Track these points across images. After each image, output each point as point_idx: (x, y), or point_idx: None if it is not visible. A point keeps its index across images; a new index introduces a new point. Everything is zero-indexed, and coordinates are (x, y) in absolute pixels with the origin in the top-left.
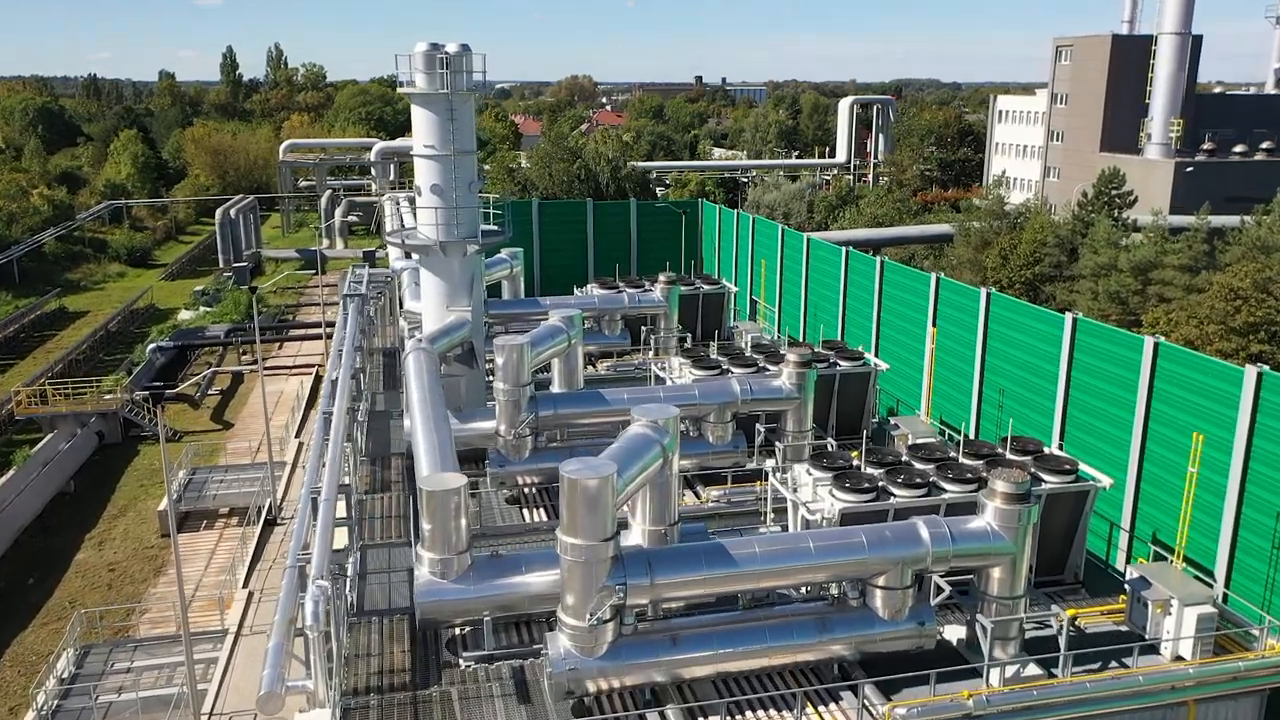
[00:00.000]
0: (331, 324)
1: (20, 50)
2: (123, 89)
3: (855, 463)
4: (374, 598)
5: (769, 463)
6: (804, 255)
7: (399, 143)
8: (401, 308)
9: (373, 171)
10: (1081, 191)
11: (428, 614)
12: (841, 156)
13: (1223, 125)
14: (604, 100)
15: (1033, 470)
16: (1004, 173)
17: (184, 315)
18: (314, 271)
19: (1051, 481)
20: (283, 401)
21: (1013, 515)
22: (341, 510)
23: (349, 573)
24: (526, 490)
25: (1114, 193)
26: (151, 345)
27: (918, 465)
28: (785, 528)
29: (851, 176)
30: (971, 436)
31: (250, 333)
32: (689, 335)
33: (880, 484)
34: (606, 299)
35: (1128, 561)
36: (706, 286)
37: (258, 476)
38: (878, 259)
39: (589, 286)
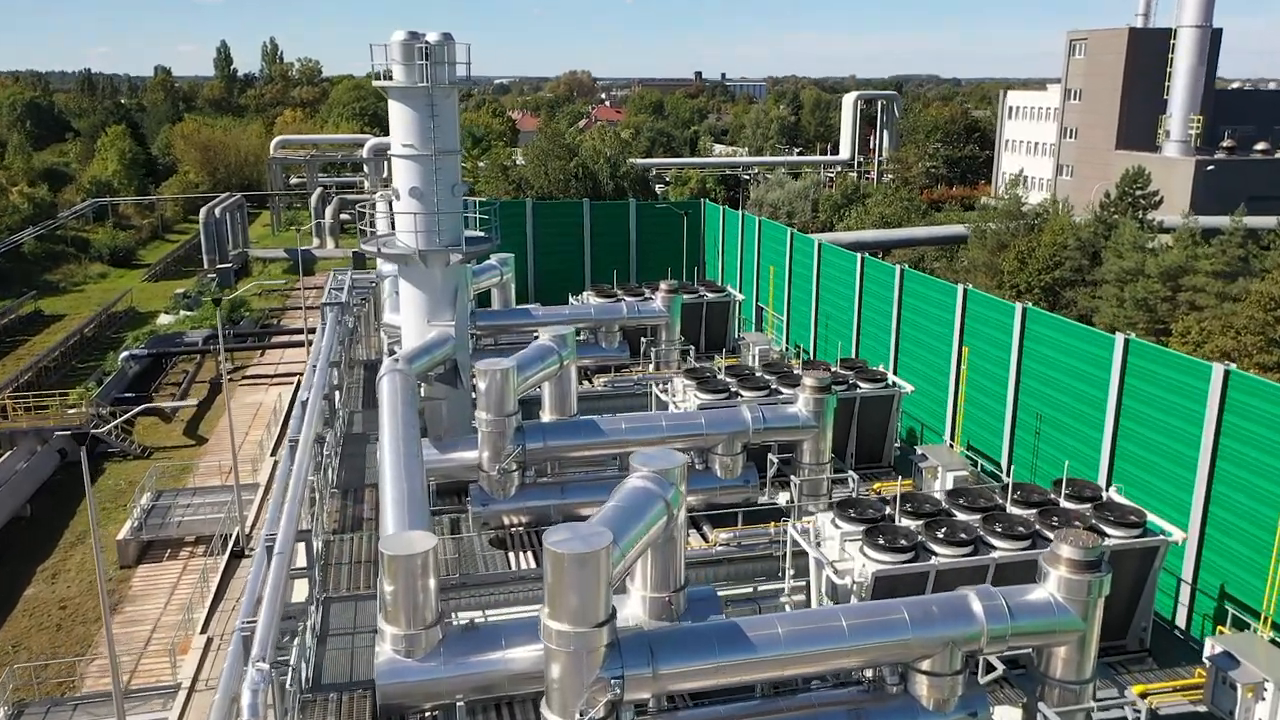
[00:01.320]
0: (314, 331)
1: (17, 45)
2: (119, 85)
3: (887, 509)
4: (335, 667)
5: (782, 496)
6: (815, 261)
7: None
8: (380, 318)
9: (365, 169)
10: (1104, 192)
11: (391, 698)
12: (845, 153)
13: (1242, 122)
14: (603, 96)
15: (1093, 522)
16: (1021, 171)
17: (163, 320)
18: (302, 272)
19: (1116, 536)
20: (260, 414)
21: (1081, 586)
22: (307, 555)
23: (306, 637)
24: (513, 531)
25: (1138, 193)
26: (125, 353)
27: (960, 515)
28: (807, 587)
29: (856, 174)
30: (1004, 466)
31: (228, 340)
32: (692, 348)
33: (919, 540)
34: (603, 309)
35: (1188, 619)
36: (710, 295)
37: (227, 500)
38: (897, 267)
39: (585, 294)
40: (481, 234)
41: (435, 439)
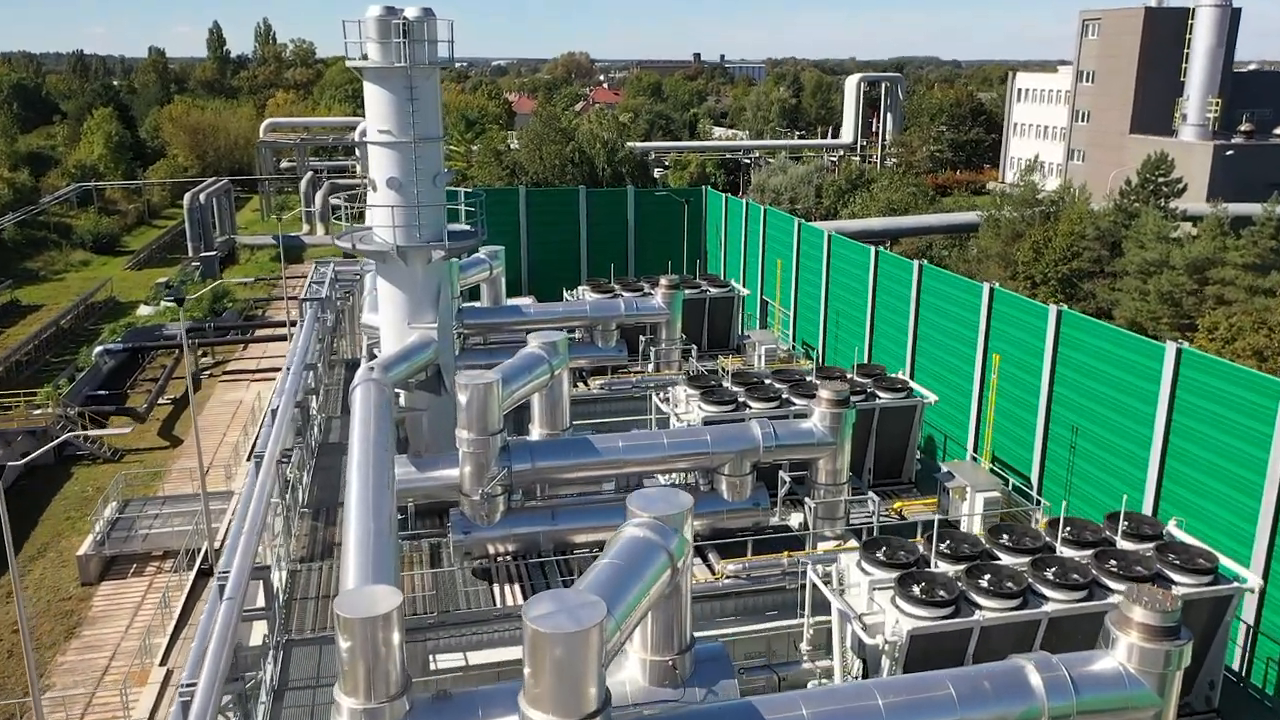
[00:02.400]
0: (297, 324)
1: (9, 26)
2: (112, 66)
3: (920, 549)
4: None
5: (794, 517)
6: (824, 254)
7: None
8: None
9: (357, 152)
10: (1123, 178)
11: None
12: (848, 137)
13: (1259, 105)
14: (601, 78)
15: (1158, 568)
16: (1037, 157)
17: (143, 311)
18: (284, 261)
19: (1184, 584)
20: (239, 413)
21: (1158, 657)
22: (265, 594)
23: (260, 690)
24: (499, 561)
25: (1160, 180)
26: (99, 348)
27: (1004, 558)
28: (827, 636)
29: (859, 158)
30: (1034, 482)
31: (209, 334)
32: (694, 347)
33: (959, 589)
34: (600, 306)
35: (1247, 667)
36: (714, 290)
37: (199, 510)
38: (915, 263)
39: (580, 289)
40: (467, 227)
41: (415, 454)
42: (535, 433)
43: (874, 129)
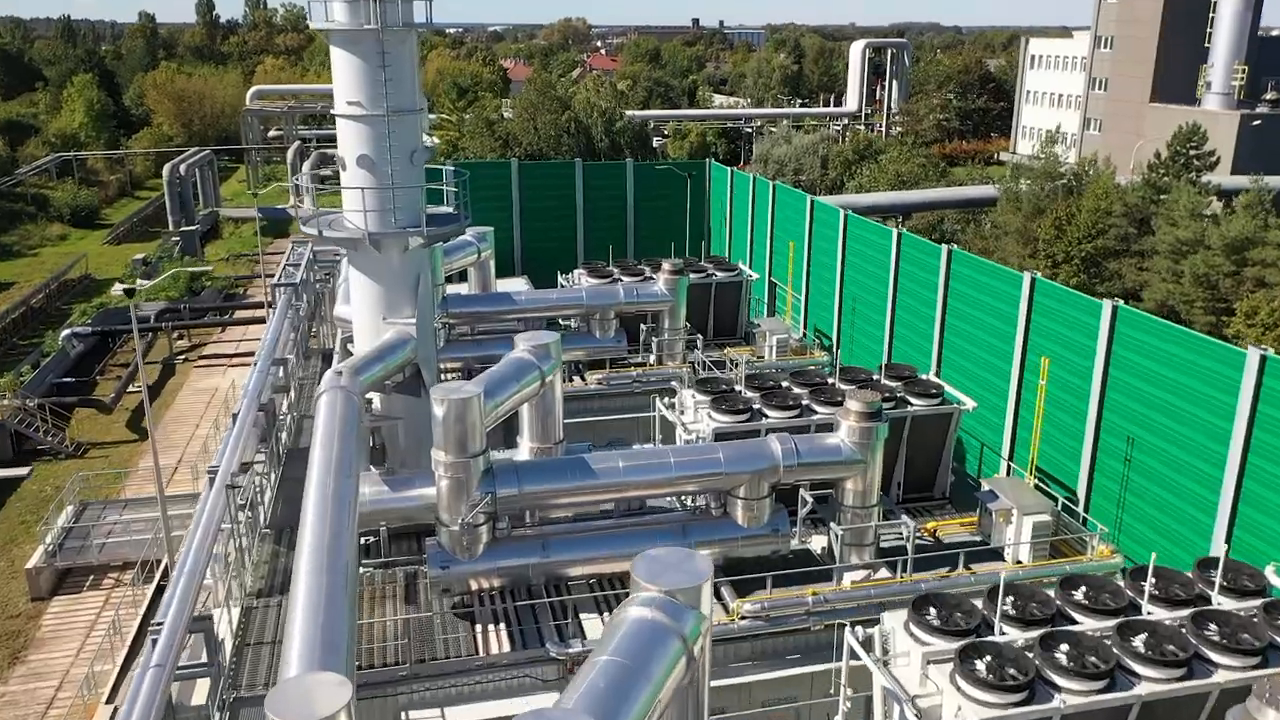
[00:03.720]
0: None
1: None
2: (102, 31)
3: (979, 608)
4: None
5: (817, 541)
6: (840, 234)
7: None
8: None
9: None
10: (1150, 150)
11: None
12: (853, 105)
13: None
14: (598, 43)
15: (1271, 638)
16: (1058, 128)
17: (117, 290)
18: (259, 236)
19: None
20: (213, 403)
21: None
22: (207, 648)
23: None
24: (483, 596)
25: (1192, 152)
26: (66, 331)
27: (1083, 620)
28: (867, 712)
29: (866, 127)
30: (1081, 498)
31: (185, 316)
32: (699, 337)
33: (1036, 666)
34: (597, 293)
35: None
36: (720, 274)
37: (174, 514)
38: (944, 248)
39: (576, 273)
40: (450, 210)
41: (389, 472)
42: (524, 446)
43: (878, 97)
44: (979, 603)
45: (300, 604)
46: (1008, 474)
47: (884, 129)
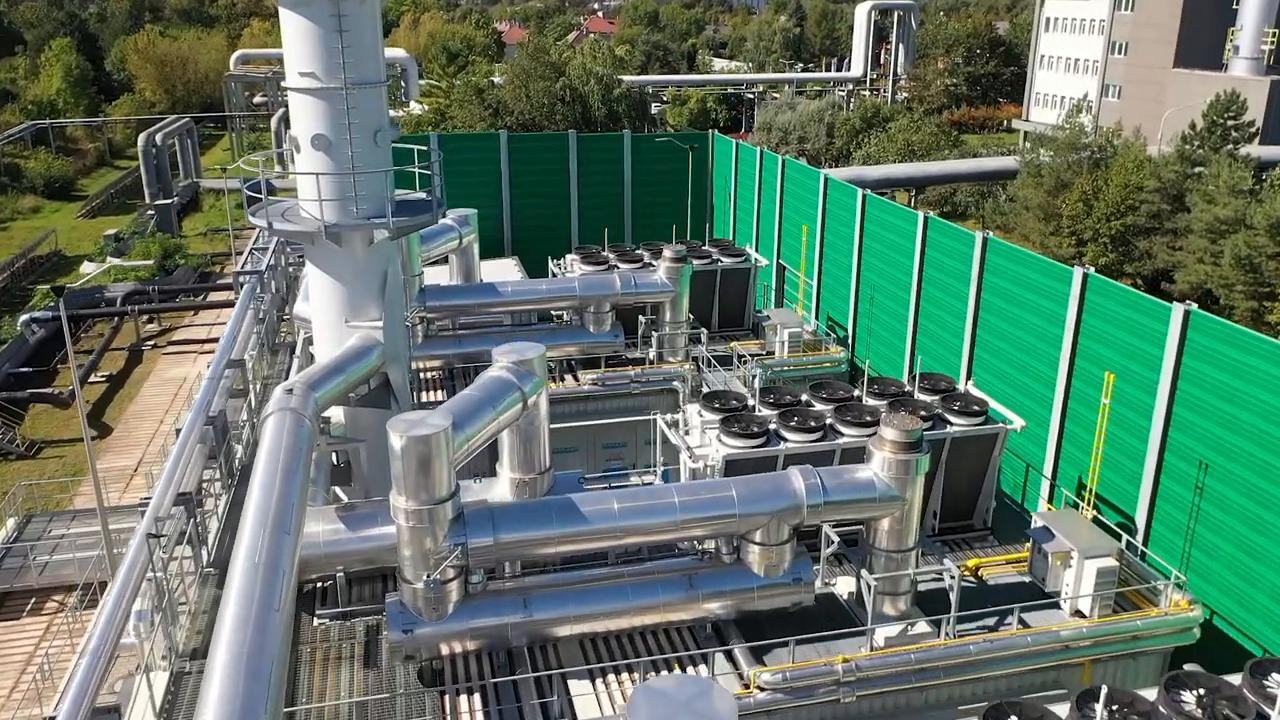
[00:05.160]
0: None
1: None
2: None
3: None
4: None
5: (843, 584)
6: (857, 216)
7: None
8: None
9: None
10: (1189, 122)
11: None
12: (857, 70)
13: None
14: (595, 5)
15: None
16: (1085, 96)
17: (87, 269)
18: (230, 213)
19: None
20: (180, 395)
21: None
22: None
23: None
24: (455, 661)
25: (1229, 123)
26: (24, 316)
27: None
28: None
29: (870, 92)
30: (1140, 529)
31: (155, 298)
32: (703, 330)
33: None
34: (591, 282)
35: None
36: (726, 260)
37: (118, 527)
38: (978, 235)
39: (568, 259)
40: (423, 195)
41: (347, 509)
42: (504, 476)
43: (882, 61)
44: (1061, 712)
45: (219, 657)
46: (1050, 497)
47: (889, 95)
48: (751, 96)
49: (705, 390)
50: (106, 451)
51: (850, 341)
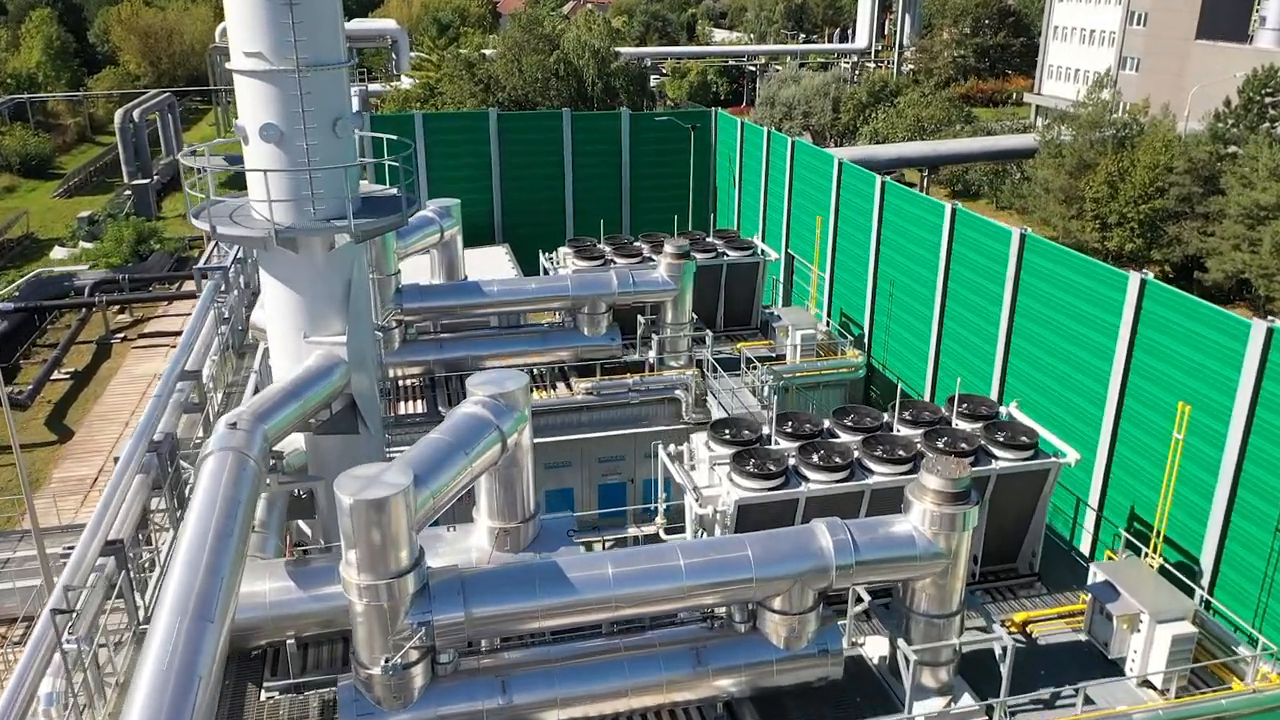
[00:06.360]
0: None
1: None
2: None
3: None
4: None
5: (872, 645)
6: (875, 206)
7: (358, 24)
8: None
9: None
10: (1224, 99)
11: None
12: (862, 41)
13: None
14: None
15: None
16: (1108, 71)
17: (57, 254)
18: (210, 191)
19: None
20: (149, 393)
21: None
22: None
23: None
24: None
25: (1268, 100)
26: None
27: None
28: None
29: (874, 64)
30: (1206, 576)
31: (125, 287)
32: (707, 332)
33: None
34: (586, 280)
35: None
36: (732, 253)
37: (73, 550)
38: (1015, 231)
39: (561, 253)
40: (393, 191)
41: (299, 563)
42: (481, 524)
43: (887, 32)
44: None
45: None
46: (1096, 532)
47: (895, 67)
48: (753, 69)
49: (710, 398)
50: (65, 459)
51: (867, 343)
